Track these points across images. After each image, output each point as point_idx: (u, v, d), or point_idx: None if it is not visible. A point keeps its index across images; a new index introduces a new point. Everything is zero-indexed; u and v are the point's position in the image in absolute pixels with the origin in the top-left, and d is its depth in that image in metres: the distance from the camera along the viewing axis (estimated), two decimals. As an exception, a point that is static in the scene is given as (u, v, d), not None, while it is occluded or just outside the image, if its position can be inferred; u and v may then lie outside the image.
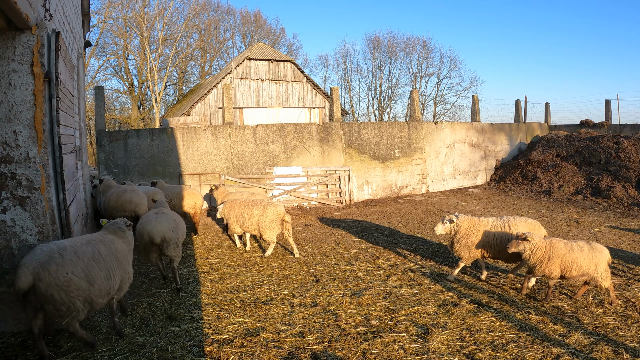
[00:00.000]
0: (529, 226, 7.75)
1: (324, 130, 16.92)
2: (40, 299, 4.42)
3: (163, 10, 38.69)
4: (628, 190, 15.95)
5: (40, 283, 4.35)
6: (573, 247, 6.92)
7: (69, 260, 4.57)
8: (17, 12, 4.11)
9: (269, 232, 9.16)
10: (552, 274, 6.91)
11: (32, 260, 4.41)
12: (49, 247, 4.57)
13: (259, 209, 9.27)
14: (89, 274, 4.69)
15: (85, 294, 4.63)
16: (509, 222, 7.73)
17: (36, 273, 4.34)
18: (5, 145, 4.89)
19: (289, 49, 52.23)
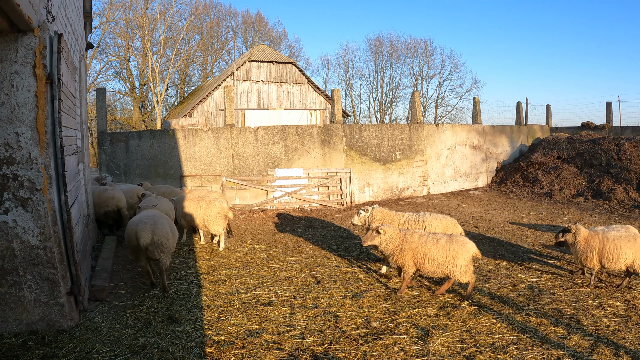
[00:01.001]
0: (443, 224, 7.90)
1: (325, 132, 16.94)
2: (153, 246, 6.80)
3: (165, 12, 38.83)
4: (629, 192, 15.94)
5: (155, 237, 6.80)
6: (428, 239, 7.04)
7: (163, 222, 7.14)
8: (20, 14, 4.13)
9: (214, 225, 9.74)
10: (404, 265, 7.08)
11: (146, 224, 6.87)
12: (149, 215, 7.23)
13: (204, 204, 9.81)
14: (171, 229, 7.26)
15: (172, 242, 7.14)
16: (423, 218, 7.87)
17: (152, 230, 6.79)
18: (7, 146, 4.91)
19: (291, 50, 52.34)
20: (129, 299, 6.70)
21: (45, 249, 5.13)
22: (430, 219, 8.01)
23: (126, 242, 7.24)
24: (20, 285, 5.15)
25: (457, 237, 7.09)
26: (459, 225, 8.19)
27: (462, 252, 6.89)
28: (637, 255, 7.24)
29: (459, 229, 8.09)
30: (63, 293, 5.30)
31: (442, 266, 6.92)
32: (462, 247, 6.91)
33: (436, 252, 6.93)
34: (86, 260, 7.09)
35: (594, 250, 7.45)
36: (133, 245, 6.94)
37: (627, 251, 7.24)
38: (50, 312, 5.30)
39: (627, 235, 7.41)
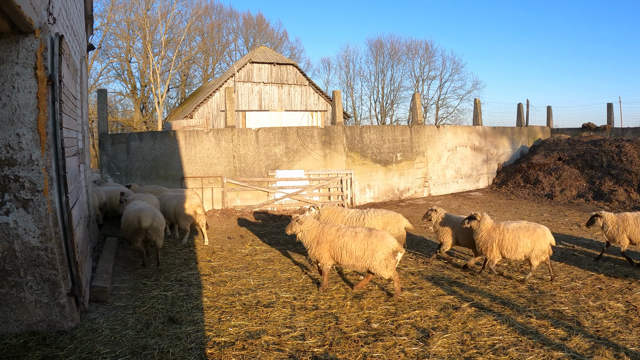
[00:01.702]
0: (385, 219, 8.12)
1: (326, 133, 16.95)
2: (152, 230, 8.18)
3: (166, 14, 38.89)
4: (630, 193, 15.94)
5: (154, 222, 8.18)
6: (346, 232, 7.19)
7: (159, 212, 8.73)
8: (21, 16, 4.15)
9: (183, 220, 10.36)
10: (321, 258, 7.21)
11: (147, 212, 8.22)
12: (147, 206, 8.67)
13: (175, 201, 10.41)
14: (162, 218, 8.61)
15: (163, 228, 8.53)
16: (365, 215, 8.08)
17: (152, 217, 8.17)
18: (8, 147, 4.92)
19: (292, 52, 52.36)
20: (130, 300, 6.71)
21: (46, 250, 5.14)
22: (372, 215, 8.27)
23: (125, 226, 8.43)
24: (21, 286, 5.15)
25: (377, 232, 7.17)
26: (405, 221, 8.38)
27: (381, 247, 6.96)
28: (535, 245, 7.73)
29: (403, 224, 8.30)
30: (64, 294, 5.31)
31: (360, 260, 7.03)
32: (381, 242, 6.98)
33: (354, 245, 7.04)
34: (87, 262, 7.10)
35: (494, 241, 7.94)
36: (134, 228, 8.17)
37: (526, 240, 7.74)
38: (51, 313, 5.31)
39: (527, 226, 7.93)
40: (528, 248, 7.78)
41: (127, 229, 8.35)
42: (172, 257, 9.24)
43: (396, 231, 8.25)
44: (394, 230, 8.26)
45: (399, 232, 8.27)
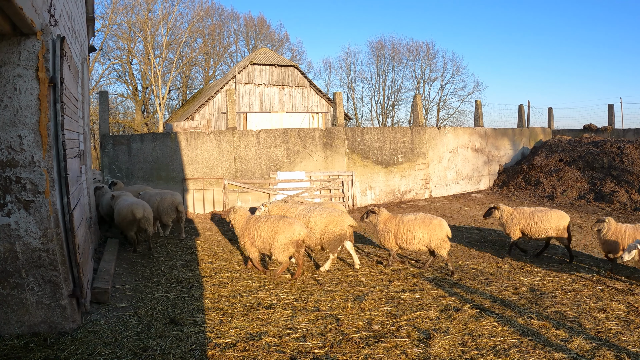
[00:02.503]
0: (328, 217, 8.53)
1: (327, 135, 16.95)
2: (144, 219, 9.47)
3: (167, 15, 38.93)
4: (631, 194, 15.92)
5: (145, 212, 9.43)
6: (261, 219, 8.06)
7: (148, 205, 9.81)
8: (23, 18, 4.16)
9: (165, 216, 11.11)
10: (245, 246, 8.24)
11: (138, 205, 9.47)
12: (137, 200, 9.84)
13: (158, 197, 11.06)
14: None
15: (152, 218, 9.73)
16: (311, 213, 8.51)
17: (142, 209, 9.41)
18: (10, 149, 4.93)
19: (293, 54, 52.38)
20: (131, 301, 6.71)
21: (48, 251, 5.15)
22: (317, 212, 8.61)
23: (120, 219, 9.51)
24: (23, 288, 5.16)
25: (286, 219, 7.91)
26: (349, 219, 8.59)
27: (285, 231, 7.61)
28: (432, 236, 8.34)
29: (347, 222, 8.53)
30: (65, 295, 5.31)
31: (266, 242, 7.83)
32: (287, 227, 7.66)
33: (264, 229, 7.84)
34: (88, 263, 7.10)
35: (391, 232, 8.57)
36: (129, 219, 9.41)
37: (422, 231, 8.35)
38: (52, 314, 5.31)
39: (423, 218, 8.51)
40: (425, 239, 8.39)
41: (122, 221, 9.50)
42: (173, 259, 9.25)
43: (339, 229, 8.46)
44: (336, 228, 8.46)
45: (342, 230, 8.48)
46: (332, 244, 8.47)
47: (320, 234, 8.51)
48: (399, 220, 8.60)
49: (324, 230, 8.49)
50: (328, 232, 8.45)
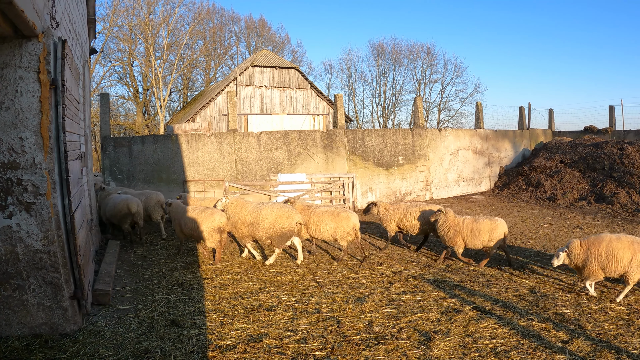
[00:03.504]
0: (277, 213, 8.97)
1: (327, 137, 16.97)
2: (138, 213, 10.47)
3: (168, 17, 39.01)
4: (632, 196, 15.91)
5: (139, 208, 10.49)
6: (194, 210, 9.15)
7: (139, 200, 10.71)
8: (24, 20, 4.17)
9: (155, 213, 11.77)
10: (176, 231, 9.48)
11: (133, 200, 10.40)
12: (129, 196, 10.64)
13: (143, 197, 11.57)
14: None
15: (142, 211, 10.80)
16: (262, 208, 9.09)
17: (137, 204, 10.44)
18: (11, 151, 4.95)
19: (293, 55, 52.44)
20: (132, 303, 6.72)
21: (49, 253, 5.16)
22: (267, 208, 9.08)
23: (114, 212, 10.48)
24: (24, 289, 5.17)
25: (211, 210, 9.07)
26: (298, 216, 9.03)
27: (208, 221, 8.81)
28: (338, 227, 9.22)
29: (295, 219, 8.95)
30: (66, 297, 5.32)
31: (193, 230, 8.97)
32: (210, 217, 8.85)
33: (190, 219, 8.95)
34: (89, 265, 7.11)
35: (241, 223, 9.18)
36: (124, 213, 10.38)
37: (329, 223, 9.23)
38: (53, 315, 5.32)
39: (332, 211, 9.43)
40: (332, 230, 9.29)
41: (116, 215, 10.50)
42: (174, 261, 9.25)
43: (287, 225, 8.88)
44: (284, 225, 8.87)
45: (290, 226, 8.91)
46: (280, 239, 8.92)
47: (269, 228, 8.89)
48: (310, 212, 9.57)
49: (272, 225, 8.87)
50: (276, 226, 8.86)
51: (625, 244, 7.07)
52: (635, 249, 7.01)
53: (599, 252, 7.15)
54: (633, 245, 7.05)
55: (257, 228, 8.96)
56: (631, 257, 6.99)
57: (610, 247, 7.11)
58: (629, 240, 7.13)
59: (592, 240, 7.35)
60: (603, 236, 7.34)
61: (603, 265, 7.12)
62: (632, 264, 6.98)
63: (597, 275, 7.23)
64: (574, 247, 7.35)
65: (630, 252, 7.00)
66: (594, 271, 7.21)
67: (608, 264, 7.09)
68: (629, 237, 7.22)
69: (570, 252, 7.35)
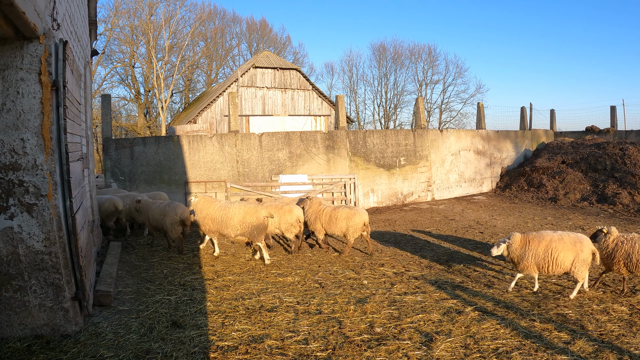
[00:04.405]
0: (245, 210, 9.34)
1: (329, 138, 16.97)
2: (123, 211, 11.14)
3: (169, 19, 39.05)
4: (634, 196, 15.88)
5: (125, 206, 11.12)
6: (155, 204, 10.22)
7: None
8: (25, 22, 4.18)
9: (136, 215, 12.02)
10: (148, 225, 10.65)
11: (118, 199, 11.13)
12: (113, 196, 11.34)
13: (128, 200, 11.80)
14: None
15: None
16: (230, 205, 9.50)
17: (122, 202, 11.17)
18: (13, 152, 4.95)
19: (295, 57, 52.44)
20: (133, 304, 6.72)
21: (50, 254, 5.16)
22: (236, 205, 9.50)
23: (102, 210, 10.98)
24: (25, 290, 5.17)
25: (176, 203, 9.92)
26: (264, 212, 9.35)
27: (171, 214, 9.63)
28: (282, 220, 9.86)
29: (262, 215, 9.29)
30: (68, 298, 5.33)
31: (157, 222, 9.89)
32: (172, 210, 9.66)
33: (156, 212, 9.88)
34: (91, 266, 7.11)
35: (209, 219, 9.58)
36: (111, 210, 11.11)
37: (235, 219, 9.34)
38: (54, 316, 5.33)
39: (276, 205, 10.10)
40: (275, 222, 9.90)
41: (103, 212, 11.05)
42: (175, 262, 9.26)
43: (254, 220, 9.27)
44: (252, 219, 9.27)
45: (257, 221, 9.28)
46: (253, 233, 9.30)
47: (239, 224, 9.30)
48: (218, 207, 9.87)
49: (241, 221, 9.29)
50: (245, 222, 9.27)
51: (567, 245, 7.11)
52: (578, 249, 7.05)
53: (537, 251, 7.23)
54: (575, 246, 7.08)
55: (226, 225, 9.40)
56: (573, 258, 7.03)
57: (550, 247, 7.16)
58: (571, 240, 7.15)
59: (532, 237, 7.40)
60: (544, 235, 7.38)
61: (539, 264, 7.23)
62: (575, 265, 7.03)
63: (530, 271, 7.34)
64: (515, 241, 7.43)
65: (572, 254, 7.05)
66: (528, 267, 7.31)
67: (545, 264, 7.19)
68: (572, 236, 7.24)
69: (510, 245, 7.43)
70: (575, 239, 7.20)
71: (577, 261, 7.04)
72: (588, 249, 7.13)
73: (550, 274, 7.31)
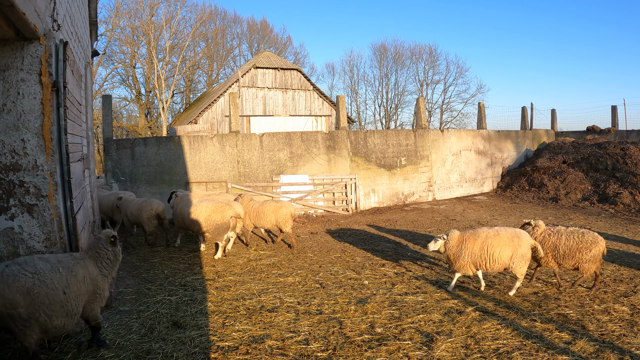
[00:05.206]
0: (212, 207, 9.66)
1: (330, 138, 16.96)
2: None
3: (170, 19, 39.08)
4: (635, 196, 15.86)
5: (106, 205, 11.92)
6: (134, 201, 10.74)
7: None
8: (26, 23, 4.19)
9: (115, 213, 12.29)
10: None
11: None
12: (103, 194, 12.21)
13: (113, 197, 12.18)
14: None
15: None
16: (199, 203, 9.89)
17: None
18: (13, 153, 4.96)
19: (296, 57, 52.46)
20: (134, 304, 6.73)
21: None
22: (204, 202, 9.91)
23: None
24: (26, 291, 5.17)
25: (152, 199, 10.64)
26: (231, 211, 9.66)
27: (147, 208, 10.33)
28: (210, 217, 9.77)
29: (229, 214, 9.59)
30: (68, 299, 5.32)
31: (135, 217, 10.57)
32: (149, 205, 10.33)
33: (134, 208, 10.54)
34: (92, 266, 7.10)
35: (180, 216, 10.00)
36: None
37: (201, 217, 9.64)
38: (55, 317, 5.32)
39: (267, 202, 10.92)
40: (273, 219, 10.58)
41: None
42: (176, 262, 9.26)
43: (220, 218, 9.61)
44: (217, 218, 9.62)
45: (223, 219, 9.61)
46: (216, 232, 9.64)
47: (205, 222, 9.68)
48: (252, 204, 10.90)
49: (207, 219, 9.65)
50: (210, 220, 9.62)
51: (504, 241, 7.12)
52: (516, 245, 7.06)
53: (473, 250, 7.24)
54: (513, 241, 7.08)
55: (193, 222, 9.76)
56: (511, 254, 7.04)
57: (486, 244, 7.17)
58: (508, 236, 7.15)
59: (469, 235, 7.41)
60: (480, 232, 7.38)
61: (476, 262, 7.24)
62: (514, 260, 7.03)
63: (466, 270, 7.35)
64: (452, 238, 7.45)
65: (510, 249, 7.06)
66: (464, 266, 7.33)
67: (482, 261, 7.20)
68: (509, 231, 7.24)
69: (447, 242, 7.43)
70: (512, 234, 7.20)
71: (515, 257, 7.05)
72: (526, 244, 7.14)
73: (490, 271, 7.34)
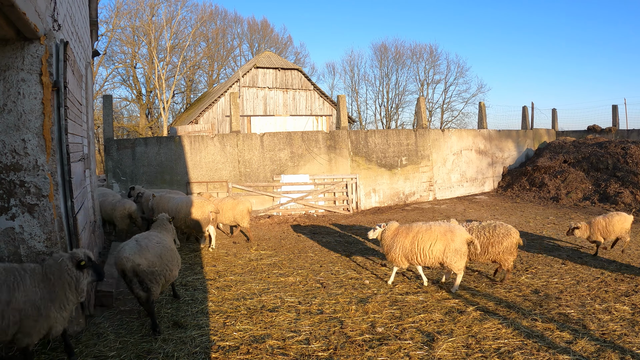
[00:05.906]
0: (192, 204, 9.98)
1: (331, 138, 16.96)
2: None
3: (171, 19, 39.06)
4: (636, 195, 15.85)
5: None
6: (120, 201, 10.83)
7: None
8: (26, 23, 4.18)
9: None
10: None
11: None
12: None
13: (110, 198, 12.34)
14: None
15: None
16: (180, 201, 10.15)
17: None
18: (14, 153, 4.95)
19: (296, 57, 52.46)
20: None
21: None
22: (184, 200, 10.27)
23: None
24: (27, 291, 5.17)
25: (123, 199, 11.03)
26: (210, 206, 10.05)
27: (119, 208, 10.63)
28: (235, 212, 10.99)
29: (208, 210, 9.98)
30: (69, 299, 5.32)
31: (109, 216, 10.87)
32: (121, 205, 10.67)
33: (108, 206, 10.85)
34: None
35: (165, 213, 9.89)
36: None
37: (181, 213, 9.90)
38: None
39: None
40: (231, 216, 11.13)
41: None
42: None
43: (200, 214, 9.99)
44: (197, 214, 9.99)
45: (203, 215, 10.01)
46: (197, 227, 10.01)
47: (184, 218, 9.94)
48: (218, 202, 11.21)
49: (186, 215, 9.93)
50: (190, 216, 9.91)
51: (435, 235, 7.14)
52: (448, 239, 7.07)
53: (404, 244, 7.32)
54: (445, 236, 7.10)
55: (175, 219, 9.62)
56: (444, 248, 7.04)
57: (416, 238, 7.22)
58: (440, 231, 7.18)
59: (403, 229, 7.51)
60: (414, 226, 7.45)
61: (407, 256, 7.32)
62: (447, 254, 7.04)
63: (398, 263, 7.47)
64: (389, 229, 7.61)
65: (442, 244, 7.09)
66: (395, 259, 7.45)
67: (412, 255, 7.28)
68: (442, 226, 7.27)
69: (384, 231, 7.58)
70: (445, 229, 7.22)
71: (448, 251, 7.05)
72: (460, 238, 7.15)
73: (423, 265, 7.41)
